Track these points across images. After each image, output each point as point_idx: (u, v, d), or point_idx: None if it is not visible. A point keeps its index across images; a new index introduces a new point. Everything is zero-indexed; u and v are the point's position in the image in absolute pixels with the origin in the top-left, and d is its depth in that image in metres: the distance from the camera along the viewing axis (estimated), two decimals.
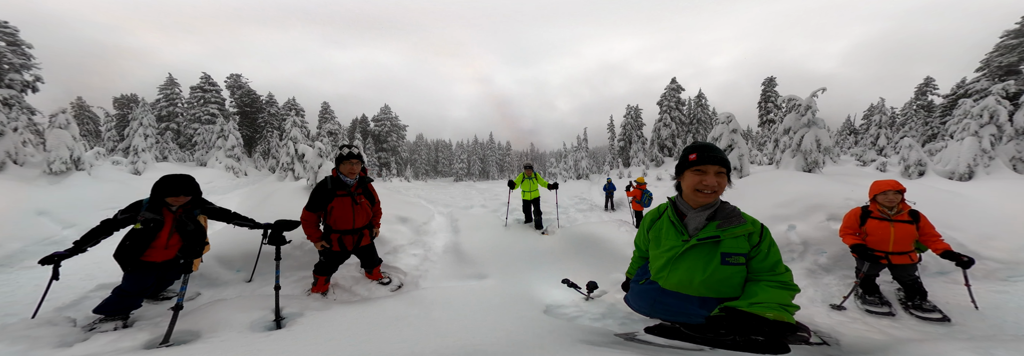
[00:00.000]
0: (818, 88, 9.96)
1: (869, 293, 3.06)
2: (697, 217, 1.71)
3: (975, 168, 9.64)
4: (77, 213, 7.13)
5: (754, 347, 1.42)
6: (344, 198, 3.14)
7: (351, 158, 3.15)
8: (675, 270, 1.73)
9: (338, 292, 3.51)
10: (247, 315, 2.55)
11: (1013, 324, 2.60)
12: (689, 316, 1.75)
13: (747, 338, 1.43)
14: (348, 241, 3.22)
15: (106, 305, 2.63)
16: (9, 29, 13.80)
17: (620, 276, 3.89)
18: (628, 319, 2.88)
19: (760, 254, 1.64)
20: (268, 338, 2.12)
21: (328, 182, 3.14)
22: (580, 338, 2.12)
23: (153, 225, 2.64)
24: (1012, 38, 18.43)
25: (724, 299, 1.63)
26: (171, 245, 2.75)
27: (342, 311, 2.70)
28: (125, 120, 29.51)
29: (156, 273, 2.77)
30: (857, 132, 34.36)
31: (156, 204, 2.69)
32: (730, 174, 1.68)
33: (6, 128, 10.29)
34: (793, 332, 1.35)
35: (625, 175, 25.79)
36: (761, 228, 1.69)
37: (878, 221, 2.95)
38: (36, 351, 2.03)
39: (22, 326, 2.29)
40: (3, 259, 4.94)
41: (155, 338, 2.24)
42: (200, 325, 2.40)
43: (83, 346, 2.12)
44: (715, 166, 1.63)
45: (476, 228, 5.77)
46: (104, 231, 2.64)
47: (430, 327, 2.35)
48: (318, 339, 2.09)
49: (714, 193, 1.66)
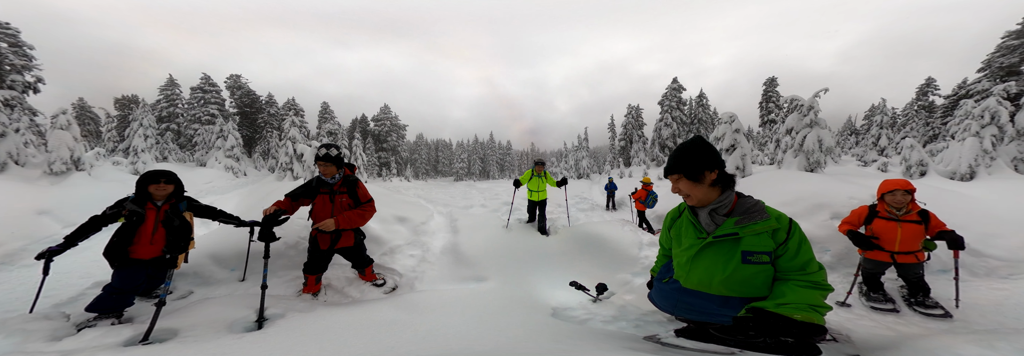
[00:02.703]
0: (821, 88, 9.96)
1: (873, 290, 3.06)
2: (704, 214, 1.67)
3: (977, 168, 9.62)
4: (77, 213, 7.16)
5: (784, 349, 1.37)
6: (324, 195, 3.20)
7: (320, 160, 3.17)
8: (694, 269, 1.68)
9: (330, 293, 3.45)
10: (231, 314, 2.55)
11: (1014, 320, 2.60)
12: (711, 315, 1.69)
13: (776, 340, 1.38)
14: (324, 239, 3.21)
15: (98, 303, 2.63)
16: (11, 30, 13.83)
17: (626, 276, 3.85)
18: (642, 321, 2.79)
19: (788, 252, 1.53)
20: (241, 339, 2.13)
21: (313, 180, 3.25)
22: (607, 343, 2.02)
23: (136, 218, 2.66)
24: (1013, 39, 18.41)
25: (748, 299, 1.56)
26: (156, 240, 2.74)
27: (326, 314, 2.65)
28: (126, 121, 29.55)
29: (145, 270, 2.76)
30: (858, 132, 34.35)
31: (140, 198, 2.74)
32: (698, 171, 1.59)
33: (8, 129, 10.30)
34: (823, 334, 1.30)
35: (626, 175, 25.78)
36: (789, 224, 1.58)
37: (885, 221, 2.92)
38: (29, 344, 2.11)
39: (19, 320, 2.35)
40: (5, 257, 5.03)
41: (137, 335, 2.27)
42: (182, 323, 2.41)
43: (71, 340, 2.18)
44: (673, 175, 1.64)
45: (476, 228, 5.68)
46: (93, 226, 2.67)
47: (418, 333, 2.28)
48: (290, 342, 2.07)
49: (689, 197, 1.64)
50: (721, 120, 11.00)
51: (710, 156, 1.61)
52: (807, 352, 1.34)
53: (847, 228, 3.06)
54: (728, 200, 1.63)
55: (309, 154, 11.38)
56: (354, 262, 3.55)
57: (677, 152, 1.66)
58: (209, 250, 3.71)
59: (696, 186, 1.61)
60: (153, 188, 2.75)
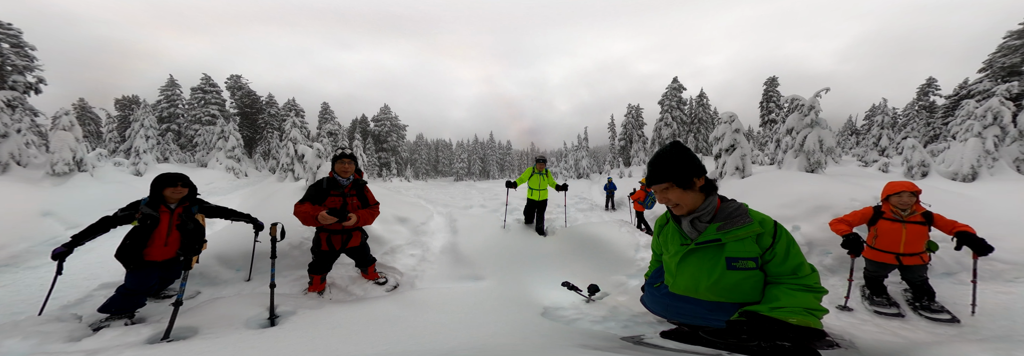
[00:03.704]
0: (822, 88, 9.94)
1: (876, 294, 3.04)
2: (685, 222, 1.66)
3: (979, 169, 9.61)
4: (80, 214, 7.17)
5: (780, 354, 1.36)
6: (336, 198, 3.23)
7: (344, 158, 3.28)
8: (681, 275, 1.68)
9: (334, 291, 3.53)
10: (244, 312, 2.63)
11: (1023, 324, 2.56)
12: (703, 319, 1.69)
13: (772, 344, 1.37)
14: (336, 240, 3.27)
15: (111, 304, 2.66)
16: (12, 31, 13.84)
17: (621, 278, 3.87)
18: (632, 322, 2.83)
19: (776, 257, 1.51)
20: (261, 335, 2.24)
21: (323, 182, 3.26)
22: (579, 341, 2.10)
23: (150, 222, 2.69)
24: (1015, 39, 18.39)
25: (737, 304, 1.55)
26: (170, 242, 2.79)
27: (334, 310, 2.75)
28: (126, 121, 29.57)
29: (158, 271, 2.81)
30: (858, 133, 34.31)
31: (154, 201, 2.76)
32: (688, 179, 1.56)
33: (10, 130, 10.31)
34: (821, 338, 1.29)
35: (626, 174, 25.76)
36: (774, 228, 1.54)
37: (890, 222, 2.92)
38: (48, 345, 2.15)
39: (32, 322, 2.39)
40: (9, 259, 5.03)
41: (157, 333, 2.33)
42: (199, 322, 2.48)
43: (91, 341, 2.21)
44: (661, 184, 1.59)
45: (475, 228, 5.69)
46: (102, 227, 2.69)
47: (418, 328, 2.38)
48: (306, 337, 2.20)
49: (679, 206, 1.60)
50: (721, 120, 10.99)
51: (697, 162, 1.58)
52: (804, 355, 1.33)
53: (843, 228, 2.97)
54: (711, 206, 1.60)
55: (310, 155, 11.39)
56: (358, 261, 3.62)
57: (661, 160, 1.59)
58: (215, 251, 3.76)
59: (686, 194, 1.57)
60: (169, 191, 2.79)
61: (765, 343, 1.41)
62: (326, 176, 3.31)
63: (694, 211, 1.61)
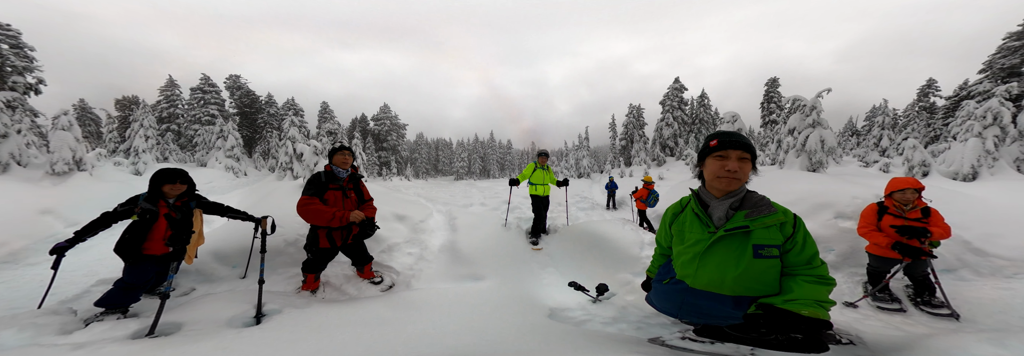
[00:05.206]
0: (823, 89, 9.96)
1: (879, 290, 3.05)
2: (721, 206, 1.61)
3: (979, 169, 9.62)
4: (80, 213, 7.20)
5: (794, 346, 1.37)
6: (336, 191, 3.20)
7: (343, 150, 3.28)
8: (704, 267, 1.60)
9: (328, 290, 3.48)
10: (230, 310, 2.61)
11: (1020, 319, 2.60)
12: (722, 318, 1.62)
13: (787, 337, 1.38)
14: (337, 236, 3.21)
15: (107, 298, 2.68)
16: (12, 32, 13.84)
17: (627, 276, 3.80)
18: (644, 323, 2.70)
19: (796, 246, 1.53)
20: (240, 334, 2.22)
21: (322, 175, 3.21)
22: (607, 346, 1.97)
23: (149, 216, 2.70)
24: (1015, 40, 18.39)
25: (759, 298, 1.51)
26: (169, 238, 2.79)
27: (322, 310, 2.70)
28: (126, 121, 29.58)
29: (155, 266, 2.82)
30: (859, 133, 34.34)
31: (153, 196, 2.77)
32: (755, 161, 1.60)
33: (10, 130, 10.31)
34: (829, 328, 1.30)
35: (627, 174, 25.77)
36: (794, 218, 1.58)
37: (893, 218, 2.95)
38: (42, 337, 2.24)
39: (29, 315, 2.45)
40: (9, 256, 5.08)
41: (143, 328, 2.34)
42: (185, 317, 2.49)
43: (81, 334, 2.27)
44: (737, 151, 1.53)
45: (474, 227, 5.63)
46: (103, 223, 2.70)
47: (408, 332, 2.31)
48: (286, 339, 2.16)
49: (737, 179, 1.56)
50: (723, 120, 11.00)
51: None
52: (816, 348, 1.33)
53: (880, 237, 2.91)
54: (744, 191, 1.63)
55: (309, 154, 11.39)
56: (355, 259, 3.56)
57: (736, 133, 1.62)
58: (212, 248, 3.73)
59: (748, 171, 1.59)
60: (168, 188, 2.79)
61: (781, 336, 1.41)
62: (322, 170, 3.26)
63: (736, 192, 1.61)
